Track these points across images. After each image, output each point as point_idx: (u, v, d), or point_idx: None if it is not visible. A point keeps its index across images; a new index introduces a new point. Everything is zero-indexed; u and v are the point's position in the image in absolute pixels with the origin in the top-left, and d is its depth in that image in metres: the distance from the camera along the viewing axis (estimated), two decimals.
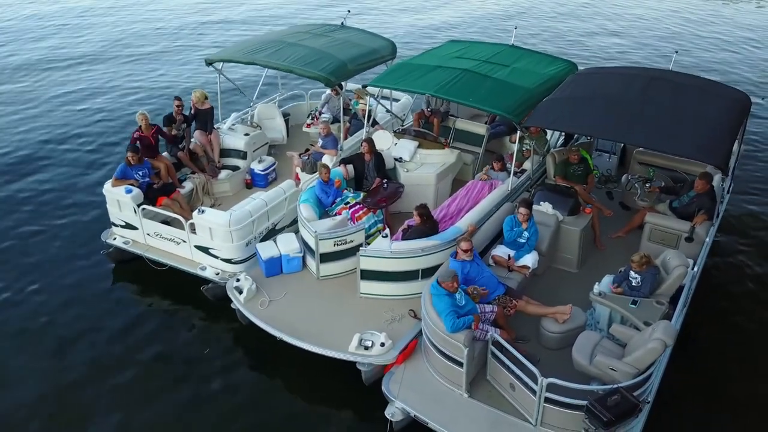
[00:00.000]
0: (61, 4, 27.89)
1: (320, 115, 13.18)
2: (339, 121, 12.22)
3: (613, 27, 25.27)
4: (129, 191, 9.93)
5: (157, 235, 10.02)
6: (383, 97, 12.88)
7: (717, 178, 9.79)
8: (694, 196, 9.42)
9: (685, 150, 8.71)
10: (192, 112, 11.64)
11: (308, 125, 13.22)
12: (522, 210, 8.76)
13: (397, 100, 13.51)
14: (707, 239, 8.99)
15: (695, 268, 8.44)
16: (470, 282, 7.87)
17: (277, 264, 9.38)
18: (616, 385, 6.48)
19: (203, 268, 9.69)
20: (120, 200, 10.03)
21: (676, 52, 13.15)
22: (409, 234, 9.03)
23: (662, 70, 10.92)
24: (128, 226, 10.21)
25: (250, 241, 9.61)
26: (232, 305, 8.96)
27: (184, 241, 9.78)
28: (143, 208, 9.89)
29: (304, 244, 9.44)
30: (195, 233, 9.61)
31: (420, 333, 8.09)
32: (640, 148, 10.93)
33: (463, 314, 7.19)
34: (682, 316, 8.09)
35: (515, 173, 10.49)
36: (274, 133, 12.94)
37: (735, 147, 10.30)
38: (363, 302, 8.91)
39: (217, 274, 9.57)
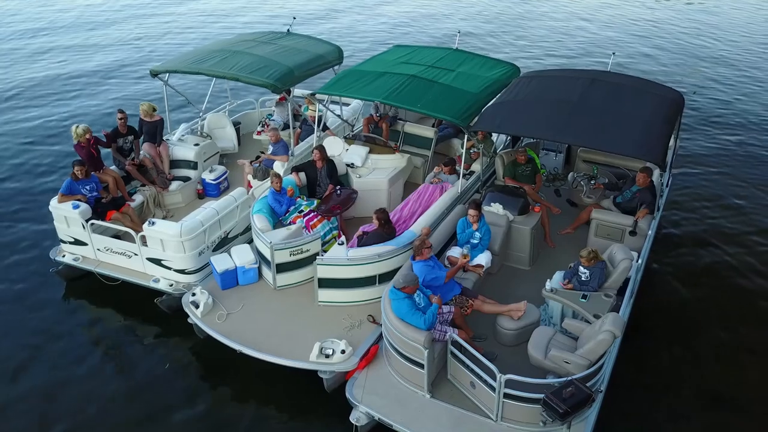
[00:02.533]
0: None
1: (270, 120, 13.17)
2: (289, 127, 12.21)
3: (553, 29, 25.94)
4: (76, 207, 9.71)
5: (107, 250, 9.84)
6: (333, 102, 12.91)
7: (656, 173, 10.23)
8: (637, 191, 9.83)
9: (625, 148, 9.05)
10: (139, 124, 11.46)
11: (259, 132, 13.19)
12: (471, 212, 8.97)
13: (347, 105, 13.59)
14: (650, 232, 9.40)
15: (639, 261, 8.81)
16: (428, 282, 8.01)
17: (232, 276, 9.33)
18: (570, 378, 6.74)
19: (156, 281, 9.57)
20: (67, 216, 9.80)
21: (614, 53, 13.64)
22: (366, 239, 9.12)
23: (602, 72, 11.32)
24: (77, 242, 9.98)
25: (202, 251, 9.53)
26: (189, 320, 8.86)
27: (136, 254, 9.63)
28: (92, 223, 9.70)
29: (260, 255, 9.42)
30: (146, 245, 9.49)
31: (380, 337, 8.20)
32: (584, 147, 11.32)
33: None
34: (629, 307, 8.43)
35: (464, 175, 10.71)
36: (224, 142, 12.85)
37: (671, 143, 10.78)
38: (322, 310, 8.95)
39: (171, 285, 9.47)
